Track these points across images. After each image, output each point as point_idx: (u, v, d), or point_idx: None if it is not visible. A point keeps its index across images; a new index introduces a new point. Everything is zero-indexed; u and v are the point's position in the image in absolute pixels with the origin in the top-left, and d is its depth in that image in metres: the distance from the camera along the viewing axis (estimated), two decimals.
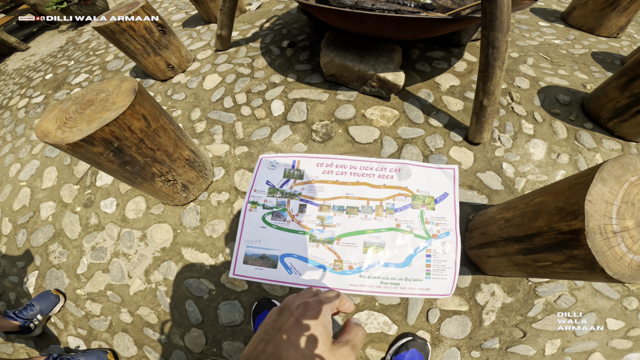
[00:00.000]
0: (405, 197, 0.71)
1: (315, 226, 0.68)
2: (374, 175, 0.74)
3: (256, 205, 0.73)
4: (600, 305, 1.16)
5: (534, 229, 0.81)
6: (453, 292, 0.64)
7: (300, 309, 0.41)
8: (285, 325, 0.40)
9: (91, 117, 0.92)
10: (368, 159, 0.76)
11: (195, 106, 1.80)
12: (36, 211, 1.62)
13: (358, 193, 0.71)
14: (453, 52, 1.84)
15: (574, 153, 1.43)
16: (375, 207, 0.70)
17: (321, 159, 0.76)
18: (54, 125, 0.93)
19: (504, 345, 1.12)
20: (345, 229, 0.68)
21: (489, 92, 1.22)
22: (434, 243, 0.66)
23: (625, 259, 0.60)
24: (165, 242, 1.35)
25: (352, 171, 0.74)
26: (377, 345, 1.12)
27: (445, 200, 0.70)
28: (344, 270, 0.64)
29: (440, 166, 0.74)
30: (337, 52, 1.55)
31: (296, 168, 0.76)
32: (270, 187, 0.75)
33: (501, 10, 1.04)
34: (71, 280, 1.41)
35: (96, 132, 0.88)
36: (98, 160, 0.99)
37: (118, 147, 0.96)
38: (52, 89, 2.48)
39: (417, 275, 0.64)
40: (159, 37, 1.83)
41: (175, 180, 1.24)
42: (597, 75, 1.82)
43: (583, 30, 2.34)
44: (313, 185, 0.73)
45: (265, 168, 0.78)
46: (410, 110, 1.54)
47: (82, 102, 0.99)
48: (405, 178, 0.73)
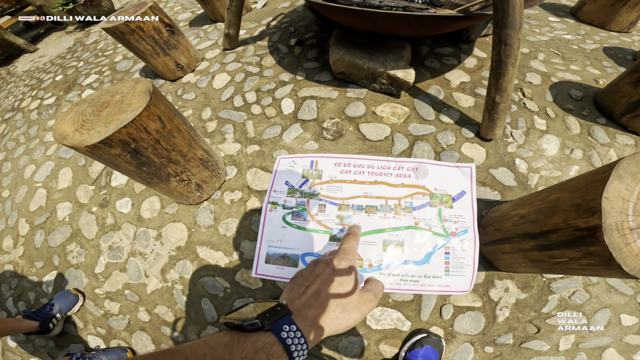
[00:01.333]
0: (423, 195, 0.71)
1: (335, 225, 0.69)
2: (391, 174, 0.74)
3: (276, 205, 0.74)
4: (614, 301, 1.15)
5: (550, 225, 0.81)
6: (471, 288, 0.65)
7: (336, 261, 0.50)
8: (323, 273, 0.47)
9: (108, 119, 0.93)
10: (385, 158, 0.76)
11: (205, 105, 1.82)
12: (53, 212, 1.64)
13: (376, 192, 0.72)
14: (462, 48, 1.83)
15: (588, 148, 1.41)
16: (394, 205, 0.70)
17: (339, 158, 0.77)
18: (72, 127, 0.95)
19: (517, 340, 1.12)
20: (364, 228, 0.69)
21: (501, 88, 1.21)
22: (453, 240, 0.67)
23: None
24: (181, 241, 1.37)
25: (369, 170, 0.75)
26: (390, 341, 1.13)
27: (462, 198, 0.70)
28: (363, 268, 0.65)
29: (457, 165, 0.74)
30: (346, 49, 1.55)
31: (314, 168, 0.77)
32: (290, 187, 0.76)
33: (513, 8, 1.03)
34: (89, 280, 1.43)
35: (114, 134, 0.89)
36: (116, 162, 1.00)
37: (135, 149, 0.98)
38: (63, 90, 2.51)
39: (437, 272, 0.65)
40: (167, 37, 1.84)
41: (190, 180, 1.25)
42: (610, 70, 1.80)
43: (593, 25, 2.31)
44: (332, 185, 0.74)
45: (284, 168, 0.79)
46: (421, 107, 1.53)
47: (97, 104, 1.00)
48: (423, 177, 0.73)
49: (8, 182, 1.93)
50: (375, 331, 1.14)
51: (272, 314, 0.38)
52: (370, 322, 1.15)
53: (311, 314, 0.42)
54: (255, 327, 0.37)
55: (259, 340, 0.36)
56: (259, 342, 0.36)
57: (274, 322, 0.37)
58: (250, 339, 0.36)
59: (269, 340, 0.36)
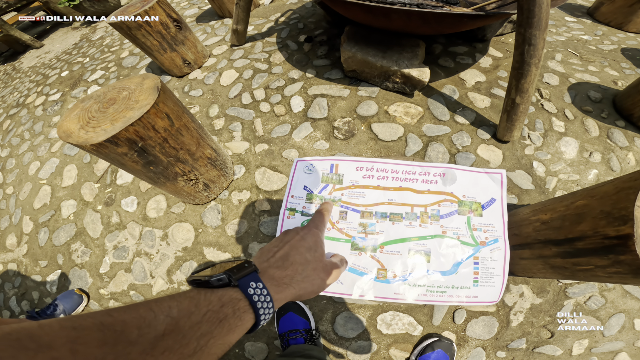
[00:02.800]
0: (451, 203, 0.67)
1: (357, 234, 0.66)
2: (417, 180, 0.70)
3: (294, 212, 0.70)
4: (629, 306, 1.14)
5: (577, 232, 0.78)
6: (500, 298, 0.61)
7: (304, 230, 0.53)
8: (292, 240, 0.50)
9: (114, 117, 0.90)
10: (411, 162, 0.72)
11: (213, 102, 1.78)
12: (57, 210, 1.62)
13: (401, 199, 0.68)
14: (477, 47, 1.79)
15: (606, 152, 1.38)
16: (420, 213, 0.67)
17: (361, 162, 0.73)
18: (77, 124, 0.91)
19: (530, 345, 1.11)
20: (388, 236, 0.65)
21: (522, 89, 1.18)
22: (482, 250, 0.63)
23: None
24: (187, 242, 1.34)
25: (394, 175, 0.71)
26: (401, 345, 1.11)
27: (492, 206, 0.67)
28: (387, 278, 0.62)
29: (487, 170, 0.70)
30: (358, 47, 1.51)
31: (334, 172, 0.73)
32: (308, 192, 0.72)
33: (540, 8, 0.99)
34: (94, 280, 1.40)
35: (120, 132, 0.85)
36: (122, 161, 0.97)
37: (142, 147, 0.94)
38: (68, 86, 2.49)
39: (465, 283, 0.61)
40: (175, 32, 1.81)
41: (197, 180, 1.22)
42: (628, 72, 1.76)
43: (611, 25, 2.26)
44: (353, 191, 0.70)
45: (302, 172, 0.75)
46: (435, 107, 1.49)
47: (104, 101, 0.97)
48: (451, 183, 0.69)
49: (12, 178, 1.91)
50: (385, 336, 1.12)
51: (239, 270, 0.39)
52: (381, 327, 1.12)
53: (278, 274, 0.43)
54: (222, 283, 0.37)
55: (226, 294, 0.36)
56: (226, 296, 0.36)
57: (241, 278, 0.38)
58: (216, 293, 0.36)
59: (236, 295, 0.36)
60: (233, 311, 0.35)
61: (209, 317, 0.33)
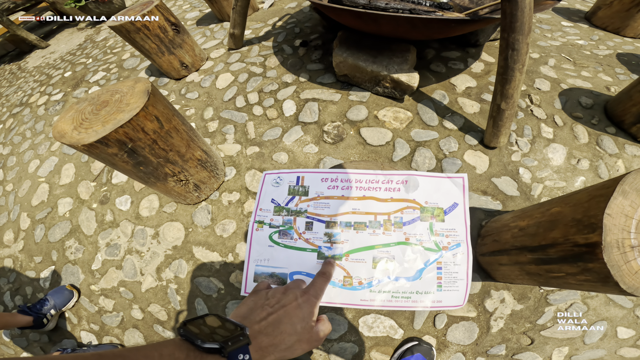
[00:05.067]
0: (413, 209, 0.69)
1: (323, 243, 0.68)
2: (380, 188, 0.72)
3: (262, 224, 0.72)
4: (612, 313, 1.13)
5: (549, 239, 0.79)
6: (465, 302, 0.62)
7: (304, 298, 0.52)
8: (289, 305, 0.49)
9: (106, 118, 0.93)
10: (374, 171, 0.74)
11: (208, 105, 1.81)
12: (54, 207, 1.66)
13: (365, 208, 0.70)
14: (470, 52, 1.80)
15: (595, 159, 1.37)
16: (383, 221, 0.68)
17: (326, 173, 0.75)
18: (71, 125, 0.95)
19: (510, 351, 1.11)
20: (353, 245, 0.67)
21: (507, 95, 1.18)
22: (445, 255, 0.64)
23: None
24: (177, 241, 1.37)
25: (357, 185, 0.72)
26: (382, 348, 1.12)
27: (455, 211, 0.68)
28: (353, 285, 0.63)
29: (449, 175, 0.71)
30: (349, 52, 1.53)
31: (301, 184, 0.75)
32: (276, 205, 0.74)
33: (522, 12, 1.00)
34: (86, 276, 1.44)
35: (110, 134, 0.89)
36: (113, 161, 1.00)
37: (132, 148, 0.98)
38: (70, 86, 2.54)
39: (429, 288, 0.63)
40: (172, 36, 1.84)
41: (188, 180, 1.25)
42: (622, 77, 1.75)
43: (608, 30, 2.25)
44: (319, 202, 0.72)
45: (270, 185, 0.77)
46: (424, 112, 1.51)
47: (97, 103, 1.01)
48: (413, 190, 0.71)
49: (12, 175, 1.95)
50: (367, 338, 1.13)
51: (234, 342, 0.39)
52: (362, 329, 1.13)
53: (265, 342, 0.44)
54: (213, 351, 0.38)
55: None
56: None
57: (233, 350, 0.39)
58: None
59: None
60: None
61: None
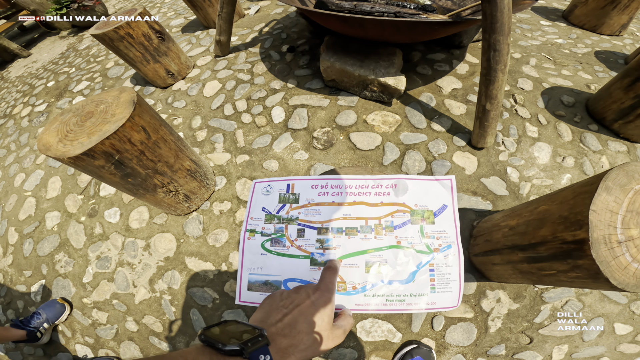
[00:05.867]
0: (403, 213, 0.69)
1: (315, 250, 0.68)
2: (370, 193, 0.72)
3: (254, 233, 0.72)
4: (607, 310, 1.14)
5: (539, 237, 0.80)
6: (460, 303, 0.63)
7: (317, 295, 0.51)
8: (303, 304, 0.49)
9: (91, 130, 0.92)
10: (363, 177, 0.75)
11: (195, 114, 1.80)
12: (42, 221, 1.63)
13: (356, 213, 0.70)
14: (454, 53, 1.83)
15: (580, 156, 1.41)
16: (374, 225, 0.69)
17: (316, 180, 0.76)
18: (56, 138, 0.94)
19: (510, 351, 1.11)
20: (345, 250, 0.67)
21: (491, 95, 1.20)
22: (437, 257, 0.65)
23: (630, 268, 0.60)
24: (169, 252, 1.35)
25: (348, 191, 0.73)
26: (381, 353, 1.12)
27: (444, 213, 0.69)
28: (347, 290, 0.64)
29: (437, 178, 0.72)
30: (336, 56, 1.54)
31: (291, 192, 0.75)
32: (267, 213, 0.74)
33: (502, 12, 1.02)
34: (77, 289, 1.42)
35: (96, 146, 0.88)
36: (100, 173, 0.99)
37: (119, 160, 0.96)
38: (54, 97, 2.49)
39: (422, 290, 0.63)
40: (157, 44, 1.82)
41: (177, 191, 1.24)
42: (601, 75, 1.80)
43: (585, 28, 2.30)
44: (310, 209, 0.72)
45: (260, 194, 0.77)
46: (412, 115, 1.52)
47: (82, 114, 0.99)
48: (402, 193, 0.71)
49: None
50: (366, 343, 1.13)
51: (254, 344, 0.40)
52: (360, 334, 1.14)
53: (284, 343, 0.44)
54: (234, 353, 0.38)
55: None
56: None
57: (254, 351, 0.39)
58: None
59: None
60: None
61: None
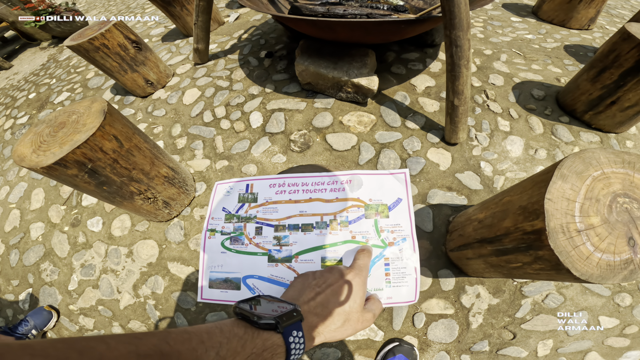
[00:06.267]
0: (358, 207, 0.71)
1: (273, 247, 0.69)
2: (326, 189, 0.74)
3: (214, 232, 0.74)
4: (591, 303, 1.13)
5: (503, 229, 0.79)
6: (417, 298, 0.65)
7: (350, 275, 0.52)
8: (336, 284, 0.50)
9: (63, 140, 0.94)
10: (319, 173, 0.76)
11: (175, 122, 1.81)
12: (26, 232, 1.64)
13: (311, 209, 0.72)
14: (428, 52, 1.86)
15: (552, 148, 1.44)
16: (329, 221, 0.70)
17: (273, 179, 0.77)
18: (30, 149, 0.96)
19: (494, 347, 1.10)
20: (302, 246, 0.69)
21: (458, 91, 1.23)
22: (391, 250, 0.67)
23: (592, 258, 0.58)
24: (152, 258, 1.36)
25: (304, 188, 0.75)
26: (364, 352, 1.12)
27: (399, 207, 0.70)
28: None
29: (392, 172, 0.74)
30: (311, 60, 1.56)
31: (250, 192, 0.77)
32: (227, 213, 0.76)
33: (459, 8, 1.04)
34: (63, 297, 1.42)
35: (68, 155, 0.90)
36: (74, 182, 1.00)
37: (92, 169, 0.98)
38: (36, 108, 2.48)
39: (378, 284, 0.65)
40: (134, 53, 1.83)
41: (156, 198, 1.25)
42: (571, 68, 1.84)
43: (554, 23, 2.35)
44: (267, 207, 0.74)
45: (221, 195, 0.79)
46: (387, 114, 1.55)
47: (55, 125, 1.01)
48: (357, 188, 0.73)
49: None
50: (348, 342, 1.14)
51: (288, 318, 0.40)
52: None
53: (315, 322, 0.45)
54: (269, 327, 0.39)
55: (269, 340, 0.38)
56: (269, 341, 0.38)
57: (288, 326, 0.40)
58: (262, 337, 0.38)
59: (278, 342, 0.39)
60: (271, 356, 0.38)
61: (251, 359, 0.36)
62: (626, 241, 0.59)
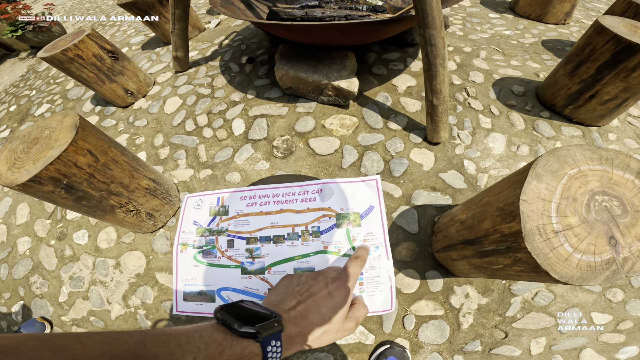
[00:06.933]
0: (329, 217, 0.71)
1: (245, 259, 0.69)
2: (296, 200, 0.74)
3: (186, 246, 0.74)
4: (581, 299, 1.13)
5: (482, 231, 0.78)
6: (394, 306, 0.64)
7: (335, 285, 0.51)
8: (319, 293, 0.49)
9: (36, 156, 0.92)
10: (290, 184, 0.76)
11: (158, 132, 1.79)
12: (14, 246, 1.62)
13: (283, 221, 0.72)
14: (408, 52, 1.86)
15: (534, 143, 1.44)
16: (301, 232, 0.70)
17: (244, 192, 0.77)
18: (5, 166, 0.94)
19: (486, 347, 1.10)
20: (274, 258, 0.68)
21: (436, 90, 1.23)
22: None
23: (572, 259, 0.56)
24: (139, 269, 1.36)
25: (275, 200, 0.75)
26: (356, 355, 1.11)
27: (371, 214, 0.70)
28: None
29: (363, 179, 0.74)
30: (290, 64, 1.55)
31: (221, 205, 0.77)
32: (198, 226, 0.75)
33: (431, 6, 1.03)
34: (55, 308, 1.42)
35: (41, 172, 0.88)
36: (52, 198, 0.99)
37: (68, 184, 0.96)
38: (17, 121, 2.44)
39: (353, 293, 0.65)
40: (111, 63, 1.80)
41: (138, 210, 1.24)
42: (549, 63, 1.86)
43: (531, 18, 2.37)
44: (239, 220, 0.74)
45: (191, 208, 0.78)
46: (369, 116, 1.55)
47: (28, 141, 0.99)
48: (328, 198, 0.73)
49: None
50: (340, 346, 1.13)
51: (269, 328, 0.41)
52: None
53: (294, 332, 0.45)
54: (249, 336, 0.39)
55: (248, 348, 0.39)
56: (247, 350, 0.39)
57: (267, 336, 0.40)
58: (241, 345, 0.38)
59: (256, 351, 0.39)
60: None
61: None
62: (607, 241, 0.57)
